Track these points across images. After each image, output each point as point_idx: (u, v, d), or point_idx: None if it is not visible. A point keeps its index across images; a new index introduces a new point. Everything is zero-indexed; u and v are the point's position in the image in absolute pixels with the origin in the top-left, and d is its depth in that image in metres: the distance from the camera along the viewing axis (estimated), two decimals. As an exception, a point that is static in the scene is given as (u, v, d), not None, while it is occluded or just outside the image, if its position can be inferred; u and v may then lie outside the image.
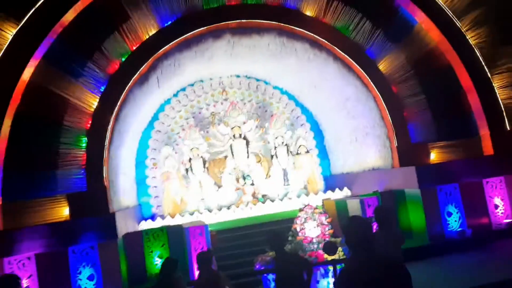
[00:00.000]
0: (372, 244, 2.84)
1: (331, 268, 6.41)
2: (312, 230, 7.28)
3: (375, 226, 5.65)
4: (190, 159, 14.50)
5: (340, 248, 6.77)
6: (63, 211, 9.71)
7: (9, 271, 8.83)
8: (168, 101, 15.01)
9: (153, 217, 13.71)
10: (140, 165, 14.53)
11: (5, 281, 4.02)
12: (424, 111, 11.25)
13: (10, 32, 9.54)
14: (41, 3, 9.65)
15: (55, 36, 9.86)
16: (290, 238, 7.51)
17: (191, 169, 14.45)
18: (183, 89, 15.13)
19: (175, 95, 15.07)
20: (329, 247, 6.51)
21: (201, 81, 15.23)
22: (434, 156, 11.12)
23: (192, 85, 15.20)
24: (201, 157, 14.56)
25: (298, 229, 7.41)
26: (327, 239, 7.10)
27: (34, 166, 9.60)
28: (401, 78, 11.35)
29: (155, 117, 14.86)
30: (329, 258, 6.62)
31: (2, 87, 9.40)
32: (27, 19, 9.57)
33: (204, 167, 14.52)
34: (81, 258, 9.21)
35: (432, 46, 11.34)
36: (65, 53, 9.91)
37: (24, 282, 8.87)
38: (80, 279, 9.16)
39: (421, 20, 11.27)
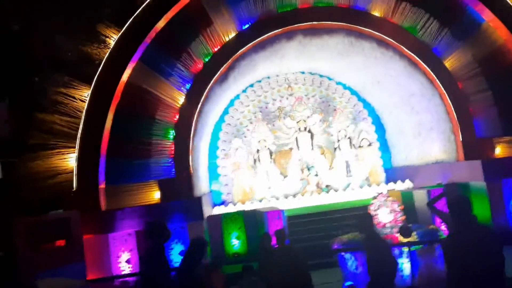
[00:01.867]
0: (471, 214, 3.80)
1: (406, 249, 7.22)
2: (385, 216, 8.10)
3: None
4: (258, 151, 15.56)
5: (414, 232, 7.57)
6: (155, 195, 11.07)
7: (113, 245, 10.30)
8: (237, 97, 16.05)
9: (224, 203, 14.89)
10: (211, 155, 15.74)
11: (154, 225, 4.95)
12: (490, 107, 11.64)
13: (113, 37, 10.93)
14: (139, 12, 10.99)
15: (149, 41, 11.16)
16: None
17: (259, 160, 15.51)
18: (251, 85, 16.12)
19: (244, 91, 16.09)
20: (405, 231, 7.30)
21: (268, 77, 16.16)
22: (499, 151, 11.51)
23: (260, 81, 16.16)
24: (268, 148, 15.59)
25: (372, 215, 8.23)
26: (399, 224, 7.89)
27: (131, 155, 11.00)
28: (467, 75, 11.78)
29: (225, 111, 15.97)
30: (404, 240, 7.43)
31: (106, 87, 10.84)
32: (127, 27, 10.93)
33: (271, 158, 15.54)
34: (173, 236, 10.45)
35: (500, 43, 11.69)
36: (157, 55, 11.21)
37: (126, 255, 10.28)
38: (172, 254, 10.44)
39: (489, 18, 11.62)
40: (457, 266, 3.91)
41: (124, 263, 10.20)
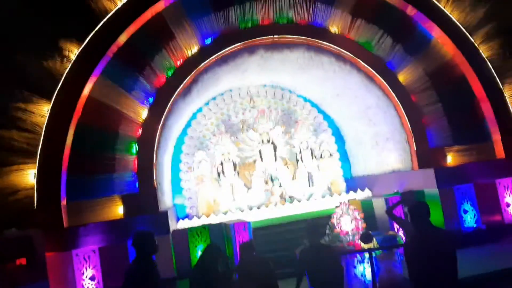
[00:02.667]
0: (429, 219, 4.13)
1: (367, 255, 7.54)
2: (348, 224, 8.44)
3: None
4: (221, 163, 15.68)
5: (374, 238, 7.92)
6: (118, 210, 10.97)
7: (77, 262, 10.12)
8: (200, 110, 16.13)
9: (188, 217, 14.86)
10: (174, 168, 15.72)
11: (141, 235, 4.89)
12: (441, 118, 12.33)
13: (73, 52, 10.85)
14: (100, 26, 10.97)
15: (111, 55, 11.15)
16: (327, 231, 8.67)
17: (223, 172, 15.62)
18: (214, 99, 16.28)
19: (206, 104, 16.21)
20: (366, 237, 7.64)
21: (230, 90, 16.38)
22: (451, 159, 12.20)
23: (222, 94, 16.33)
24: (232, 161, 15.73)
25: (335, 223, 8.57)
26: (361, 231, 8.24)
27: (93, 170, 10.88)
28: (419, 88, 12.45)
29: (188, 125, 16.03)
30: (365, 246, 7.76)
31: (66, 102, 10.72)
32: (88, 41, 10.88)
33: (235, 170, 15.69)
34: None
35: (448, 58, 12.45)
36: (119, 70, 11.21)
37: (90, 272, 10.12)
38: (137, 270, 10.35)
39: (437, 35, 12.38)
40: (416, 268, 4.22)
41: (88, 280, 10.03)
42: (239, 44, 12.23)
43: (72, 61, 10.78)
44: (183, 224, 13.55)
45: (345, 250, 7.93)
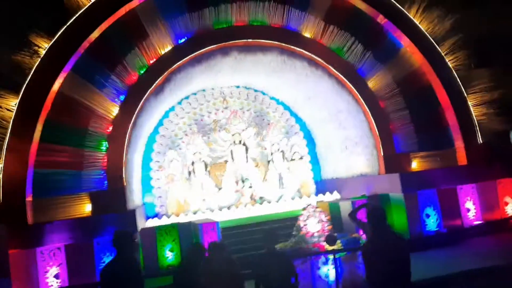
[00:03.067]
0: (386, 223, 4.32)
1: (331, 256, 7.74)
2: (314, 226, 8.63)
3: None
4: (193, 163, 15.69)
5: (338, 240, 8.13)
6: (86, 208, 10.86)
7: (41, 260, 9.98)
8: (172, 109, 16.09)
9: (157, 216, 14.82)
10: (145, 167, 15.63)
11: (121, 235, 4.84)
12: (407, 124, 12.72)
13: (43, 47, 10.69)
14: (71, 22, 10.85)
15: (82, 51, 11.04)
16: (294, 232, 8.84)
17: (194, 172, 15.64)
18: (187, 98, 16.25)
19: (179, 103, 16.17)
20: (330, 239, 7.84)
21: (204, 90, 16.40)
22: (416, 165, 12.59)
23: (195, 94, 16.33)
24: (203, 161, 15.77)
25: (301, 225, 8.75)
26: (326, 233, 8.44)
27: (61, 167, 10.75)
28: (388, 95, 12.80)
29: (160, 123, 15.96)
30: (330, 248, 7.96)
31: (35, 97, 10.55)
32: (58, 36, 10.75)
33: (205, 170, 15.73)
34: (105, 249, 10.35)
35: (416, 67, 12.85)
36: (91, 66, 11.11)
37: (54, 270, 9.99)
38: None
39: (406, 44, 12.77)
40: (373, 270, 4.42)
41: (52, 278, 9.90)
42: (213, 45, 12.28)
43: (42, 56, 10.62)
44: (152, 223, 13.51)
45: (310, 252, 8.11)
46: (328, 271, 7.87)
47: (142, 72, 11.78)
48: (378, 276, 4.29)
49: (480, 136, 12.82)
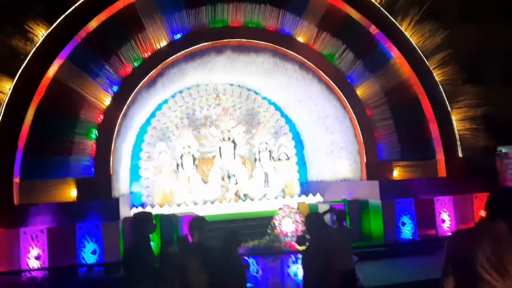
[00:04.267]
0: (321, 232, 4.64)
1: (300, 256, 8.05)
2: (288, 226, 8.96)
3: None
4: (181, 156, 16.00)
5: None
6: (71, 193, 11.13)
7: (24, 241, 10.25)
8: (165, 101, 16.36)
9: (142, 205, 15.12)
10: (135, 156, 15.91)
11: (141, 217, 4.96)
12: (391, 133, 13.04)
13: (41, 33, 10.93)
14: (71, 11, 11.09)
15: (79, 40, 11.28)
16: (268, 231, 9.17)
17: (182, 165, 15.95)
18: (181, 91, 16.51)
19: (173, 96, 16.43)
20: (301, 240, 8.13)
21: (198, 85, 16.65)
22: (397, 173, 12.93)
23: (189, 88, 16.60)
24: (192, 154, 16.08)
25: (276, 224, 9.08)
26: (299, 234, 8.76)
27: (50, 151, 10.99)
28: (374, 104, 13.12)
29: (152, 115, 16.22)
30: (300, 248, 8.28)
31: (29, 81, 10.78)
32: (57, 24, 10.98)
33: (193, 164, 16.05)
34: (87, 234, 10.64)
35: (403, 79, 13.17)
36: (86, 55, 11.34)
37: (36, 251, 10.27)
38: (84, 253, 10.60)
39: (396, 55, 13.08)
40: (308, 273, 4.81)
41: (34, 259, 10.17)
42: (207, 43, 12.55)
43: (39, 42, 10.84)
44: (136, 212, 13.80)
45: (281, 251, 8.44)
46: (297, 270, 8.19)
47: (136, 64, 12.02)
48: (312, 278, 4.66)
49: (461, 150, 13.16)
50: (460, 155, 13.17)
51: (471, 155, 13.11)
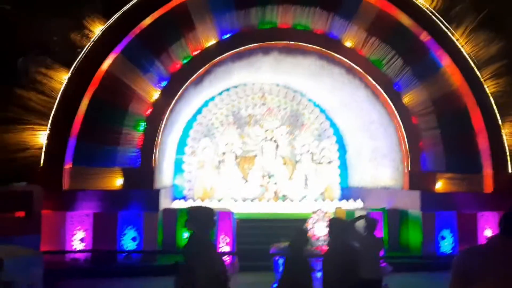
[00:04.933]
0: (341, 238, 4.68)
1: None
2: (321, 229, 8.98)
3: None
4: (224, 153, 16.34)
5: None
6: (117, 181, 11.70)
7: (70, 223, 10.91)
8: (212, 98, 16.69)
9: (184, 198, 15.57)
10: (180, 150, 16.39)
11: (203, 211, 4.82)
12: (437, 144, 12.70)
13: (98, 28, 11.54)
14: (127, 8, 11.63)
15: (133, 36, 11.81)
16: (301, 233, 9.24)
17: (224, 162, 16.28)
18: (227, 90, 16.78)
19: (220, 93, 16.73)
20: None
21: (244, 84, 16.86)
22: (440, 185, 12.57)
23: (236, 87, 16.83)
24: (234, 152, 16.38)
25: (309, 227, 9.12)
26: (331, 238, 8.77)
27: (100, 141, 11.61)
28: (421, 112, 12.82)
29: (199, 111, 16.62)
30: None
31: (85, 73, 11.44)
32: (113, 20, 11.55)
33: (235, 161, 16.34)
34: (128, 222, 11.16)
35: (453, 88, 12.77)
36: (139, 51, 11.88)
37: (80, 234, 10.89)
38: (125, 239, 11.12)
39: (447, 64, 12.70)
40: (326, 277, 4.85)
41: (78, 241, 10.81)
42: (255, 44, 12.75)
43: (96, 36, 11.46)
44: (177, 204, 14.26)
45: (311, 254, 8.48)
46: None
47: (185, 61, 12.41)
48: (330, 283, 4.70)
49: (511, 165, 12.61)
50: (510, 170, 12.61)
51: (521, 171, 12.54)
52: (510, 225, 2.68)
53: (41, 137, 11.32)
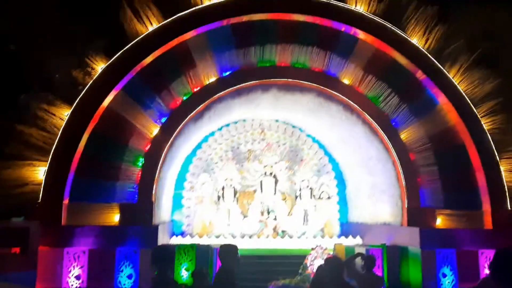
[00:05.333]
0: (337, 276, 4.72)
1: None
2: (319, 267, 8.91)
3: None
4: (223, 188, 16.34)
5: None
6: (115, 217, 11.67)
7: (66, 259, 10.80)
8: (212, 134, 16.86)
9: (182, 234, 15.46)
10: (178, 185, 16.41)
11: (228, 249, 5.50)
12: (435, 180, 12.71)
13: (100, 65, 11.81)
14: (129, 46, 11.91)
15: (134, 73, 12.06)
16: (300, 271, 9.15)
17: (223, 197, 16.26)
18: (227, 125, 16.96)
19: (219, 129, 16.90)
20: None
21: (244, 120, 17.07)
22: (439, 222, 12.51)
23: (236, 122, 17.02)
24: (233, 187, 16.38)
25: (308, 264, 9.06)
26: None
27: (99, 176, 11.66)
28: (418, 148, 12.90)
29: (198, 146, 16.74)
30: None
31: (86, 109, 11.62)
32: (115, 58, 11.83)
33: (234, 196, 16.31)
34: (125, 258, 11.05)
35: (450, 125, 12.92)
36: (140, 87, 12.10)
37: (77, 271, 10.77)
38: (121, 276, 10.98)
39: (443, 101, 12.90)
40: None
41: (74, 278, 10.67)
42: (255, 81, 13.00)
43: (98, 74, 11.70)
44: (175, 240, 14.14)
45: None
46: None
47: (185, 98, 12.62)
48: None
49: (510, 202, 12.58)
50: (509, 207, 12.58)
51: (520, 208, 12.51)
52: (499, 268, 2.69)
53: (40, 172, 11.37)
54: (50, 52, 11.14)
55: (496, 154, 12.68)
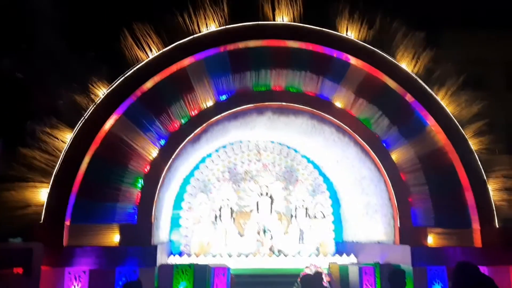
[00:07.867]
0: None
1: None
2: (313, 285, 9.22)
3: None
4: (220, 208, 16.67)
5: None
6: (114, 238, 11.97)
7: (68, 279, 11.06)
8: (209, 155, 17.29)
9: (180, 254, 15.71)
10: (177, 205, 16.72)
11: (311, 279, 5.81)
12: (426, 199, 13.12)
13: (102, 90, 12.28)
14: (130, 72, 12.42)
15: (134, 98, 12.53)
16: (295, 288, 9.47)
17: (220, 217, 16.58)
18: (224, 147, 17.42)
19: (216, 150, 17.35)
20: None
21: (240, 141, 17.52)
22: (431, 240, 12.87)
23: (232, 144, 17.50)
24: (230, 207, 16.72)
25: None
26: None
27: (99, 198, 12.00)
28: (409, 169, 13.35)
29: (196, 167, 17.15)
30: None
31: (87, 133, 12.03)
32: (116, 83, 12.31)
33: (231, 216, 16.64)
34: (124, 278, 11.30)
35: (439, 146, 13.40)
36: (140, 112, 12.56)
37: (78, 291, 11.03)
38: (118, 296, 11.23)
39: (432, 123, 13.41)
40: None
41: (75, 298, 10.93)
42: (250, 105, 13.49)
43: (99, 99, 12.16)
44: (173, 260, 14.40)
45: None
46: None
47: (183, 121, 13.07)
48: None
49: (498, 220, 12.98)
50: (497, 225, 12.97)
51: (508, 226, 12.89)
52: (457, 279, 3.07)
53: (42, 194, 11.69)
54: (55, 79, 11.59)
55: (484, 174, 13.13)
